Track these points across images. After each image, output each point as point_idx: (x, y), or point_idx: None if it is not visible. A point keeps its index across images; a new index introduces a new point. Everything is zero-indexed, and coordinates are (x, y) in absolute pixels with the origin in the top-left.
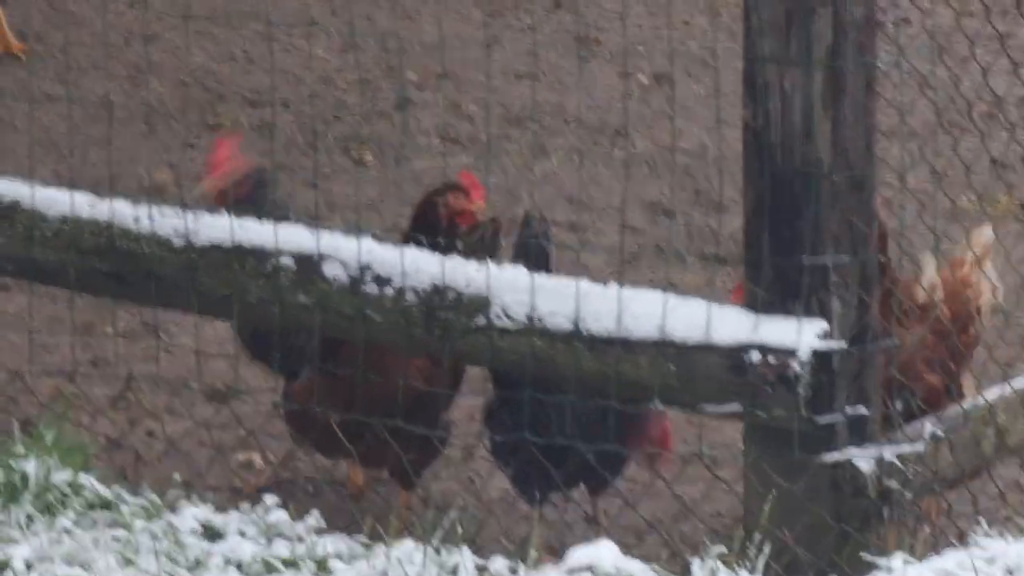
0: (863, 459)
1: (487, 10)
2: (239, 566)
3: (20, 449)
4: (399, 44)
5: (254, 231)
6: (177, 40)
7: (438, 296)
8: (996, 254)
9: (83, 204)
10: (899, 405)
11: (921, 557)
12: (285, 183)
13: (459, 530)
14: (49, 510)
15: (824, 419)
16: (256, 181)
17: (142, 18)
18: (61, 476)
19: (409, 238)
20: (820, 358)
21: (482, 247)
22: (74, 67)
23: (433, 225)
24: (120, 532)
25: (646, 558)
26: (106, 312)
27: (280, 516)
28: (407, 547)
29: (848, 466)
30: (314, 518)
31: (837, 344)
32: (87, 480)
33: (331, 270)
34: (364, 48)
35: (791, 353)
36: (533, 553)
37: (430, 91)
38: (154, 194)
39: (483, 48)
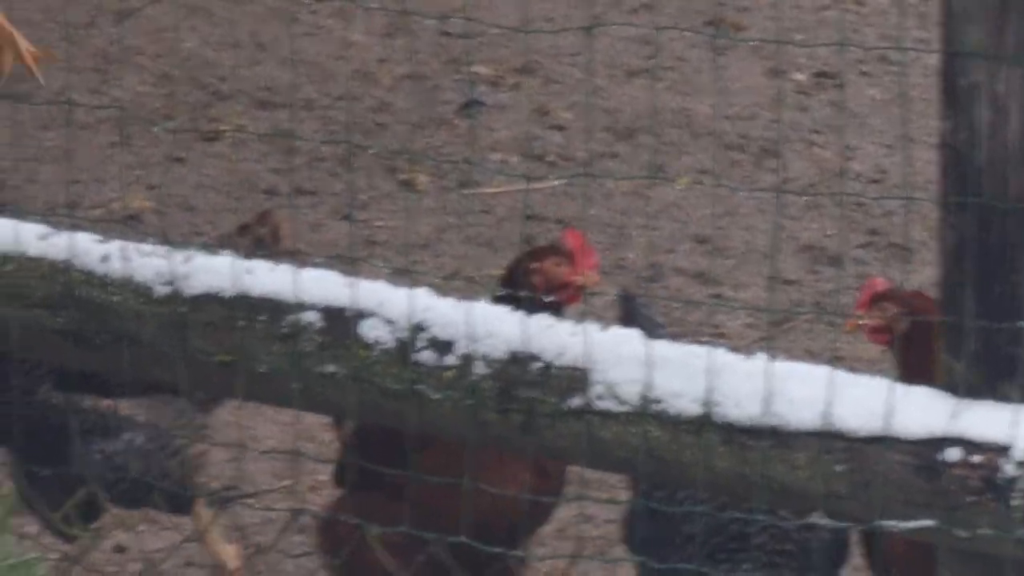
0: None
1: None
2: None
3: None
4: (465, 27)
5: (267, 277)
6: (162, 18)
7: (518, 368)
8: None
9: (31, 237)
10: None
11: None
12: (308, 212)
13: None
14: None
15: None
16: None
17: None
18: None
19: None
20: None
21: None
22: None
23: (526, 297)
24: None
25: None
26: None
27: None
28: None
29: None
30: None
31: None
32: None
33: (372, 331)
34: (418, 32)
35: (1003, 450)
36: None
37: (507, 91)
38: (129, 224)
39: (581, 34)
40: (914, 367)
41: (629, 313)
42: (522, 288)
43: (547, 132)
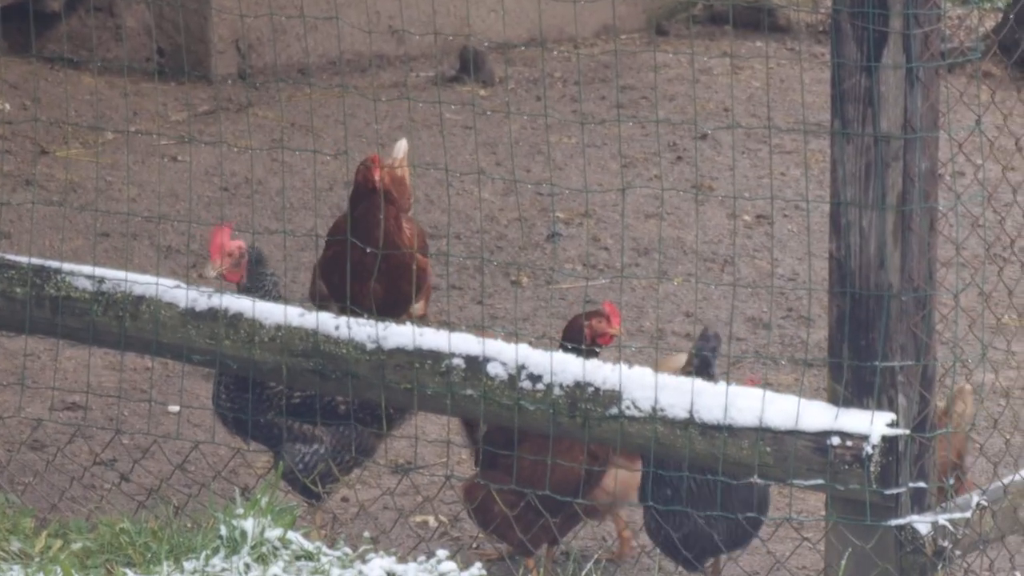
0: (922, 523)
1: (622, 162)
2: None
3: (240, 511)
4: (551, 189)
5: (431, 337)
6: None
7: (580, 390)
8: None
9: (294, 315)
10: (951, 480)
11: None
12: (457, 299)
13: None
14: (263, 560)
15: (891, 491)
16: (253, 260)
17: (344, 167)
18: (273, 533)
19: (560, 347)
20: (888, 443)
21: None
22: (287, 207)
23: (578, 342)
24: None
25: None
26: None
27: (450, 566)
28: None
29: (909, 529)
30: (476, 568)
31: (902, 432)
32: (294, 536)
33: (494, 369)
34: (522, 192)
35: (865, 438)
36: None
37: (575, 227)
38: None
39: (618, 193)
40: None
41: (702, 356)
42: (578, 337)
43: (598, 251)
